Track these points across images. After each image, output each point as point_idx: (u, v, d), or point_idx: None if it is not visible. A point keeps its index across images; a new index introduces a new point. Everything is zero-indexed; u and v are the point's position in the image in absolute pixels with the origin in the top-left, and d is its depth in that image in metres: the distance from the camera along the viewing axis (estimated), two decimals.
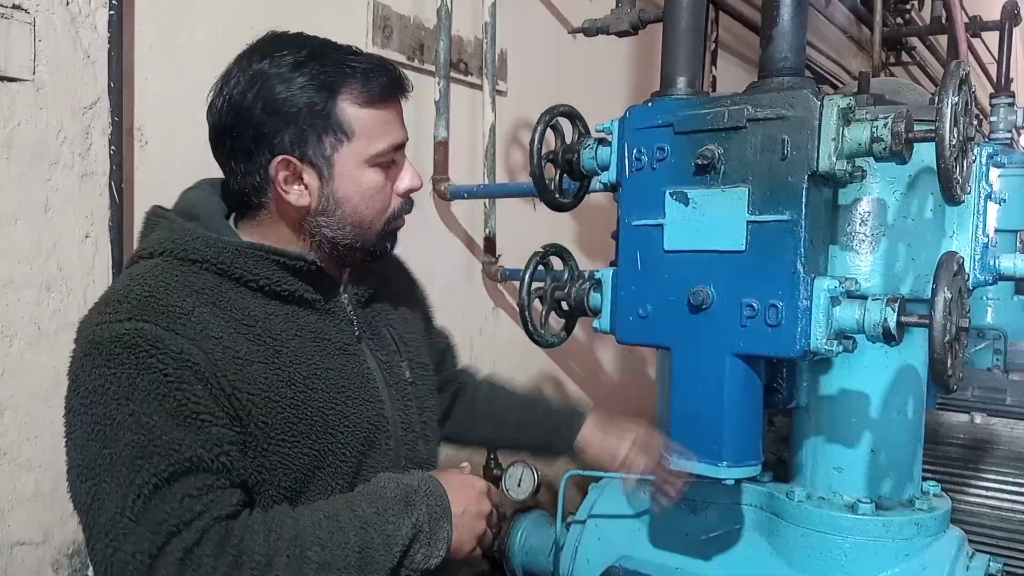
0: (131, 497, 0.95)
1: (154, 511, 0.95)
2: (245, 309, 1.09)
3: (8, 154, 1.52)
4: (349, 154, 1.12)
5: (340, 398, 1.14)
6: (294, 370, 1.10)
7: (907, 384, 1.44)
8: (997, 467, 2.18)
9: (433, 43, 2.45)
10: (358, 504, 1.07)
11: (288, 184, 1.11)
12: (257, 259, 1.11)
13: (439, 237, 2.63)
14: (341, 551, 1.01)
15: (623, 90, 3.43)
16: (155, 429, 0.97)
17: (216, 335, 1.04)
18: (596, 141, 1.33)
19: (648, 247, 1.25)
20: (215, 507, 0.98)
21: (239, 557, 0.97)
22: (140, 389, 0.98)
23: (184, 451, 0.97)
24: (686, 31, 1.32)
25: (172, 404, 0.98)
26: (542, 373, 3.15)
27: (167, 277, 1.06)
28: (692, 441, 1.23)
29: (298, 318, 1.14)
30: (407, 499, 1.07)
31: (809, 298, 1.12)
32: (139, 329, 1.00)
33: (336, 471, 1.14)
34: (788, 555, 1.43)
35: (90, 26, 1.63)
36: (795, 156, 1.12)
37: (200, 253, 1.09)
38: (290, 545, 1.00)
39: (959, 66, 1.10)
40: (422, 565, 1.06)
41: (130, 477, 0.95)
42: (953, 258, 1.13)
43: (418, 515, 1.06)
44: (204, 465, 0.99)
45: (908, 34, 5.10)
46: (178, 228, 1.11)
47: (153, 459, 0.96)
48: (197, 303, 1.05)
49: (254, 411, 1.05)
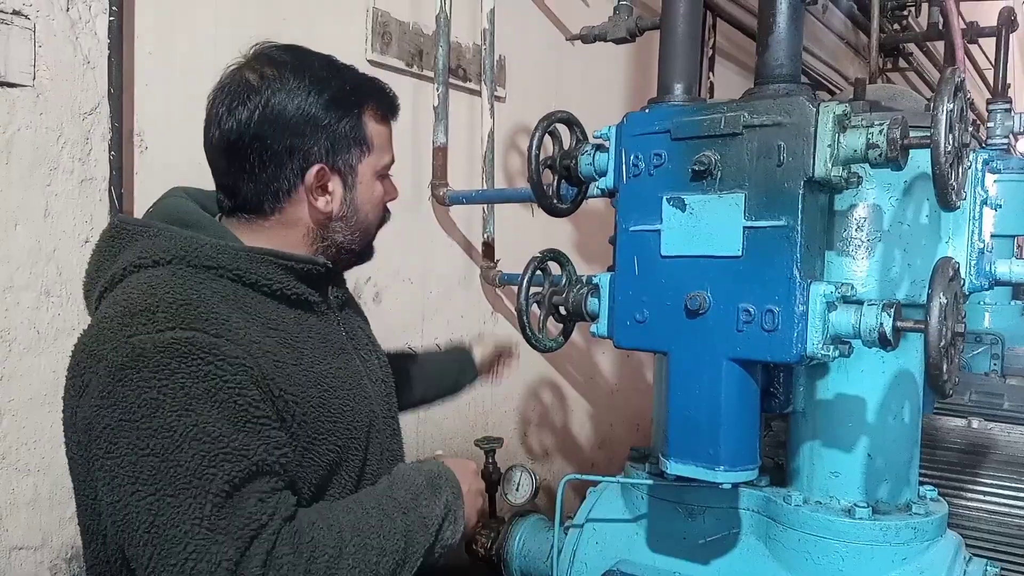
0: (208, 507, 0.94)
1: (232, 518, 0.95)
2: (266, 313, 1.12)
3: (8, 159, 1.53)
4: (368, 165, 1.21)
5: (349, 396, 1.20)
6: (316, 370, 1.15)
7: (904, 389, 1.45)
8: (994, 471, 2.18)
9: (432, 49, 2.47)
10: (396, 492, 1.15)
11: (316, 191, 1.17)
12: (268, 264, 1.13)
13: (438, 242, 2.64)
14: (391, 536, 1.09)
15: (621, 96, 3.44)
16: (222, 437, 0.96)
17: (256, 340, 1.06)
18: (594, 147, 1.34)
19: (645, 252, 1.26)
20: (282, 508, 1.00)
21: (314, 552, 1.00)
22: (198, 398, 0.97)
23: (252, 456, 0.98)
24: (683, 39, 1.32)
25: (233, 409, 0.99)
26: (540, 377, 3.16)
27: (192, 284, 1.06)
28: (689, 445, 1.24)
29: (305, 321, 1.18)
30: (433, 484, 1.18)
31: (805, 303, 1.12)
32: (189, 338, 0.99)
33: (350, 466, 1.20)
34: (785, 559, 1.44)
35: (90, 32, 1.64)
36: (791, 162, 1.12)
37: (213, 259, 1.09)
38: (353, 536, 1.06)
39: (954, 72, 1.11)
40: (449, 541, 1.17)
41: (203, 487, 0.94)
42: (948, 263, 1.13)
43: (447, 496, 1.18)
44: (268, 468, 1.00)
45: (905, 40, 5.12)
46: (180, 236, 1.11)
47: (224, 466, 0.95)
48: (230, 309, 1.06)
49: (297, 411, 1.09)
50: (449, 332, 2.65)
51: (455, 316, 2.69)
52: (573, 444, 3.37)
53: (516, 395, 3.05)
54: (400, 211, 2.48)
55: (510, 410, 3.02)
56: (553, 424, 3.26)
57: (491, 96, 2.64)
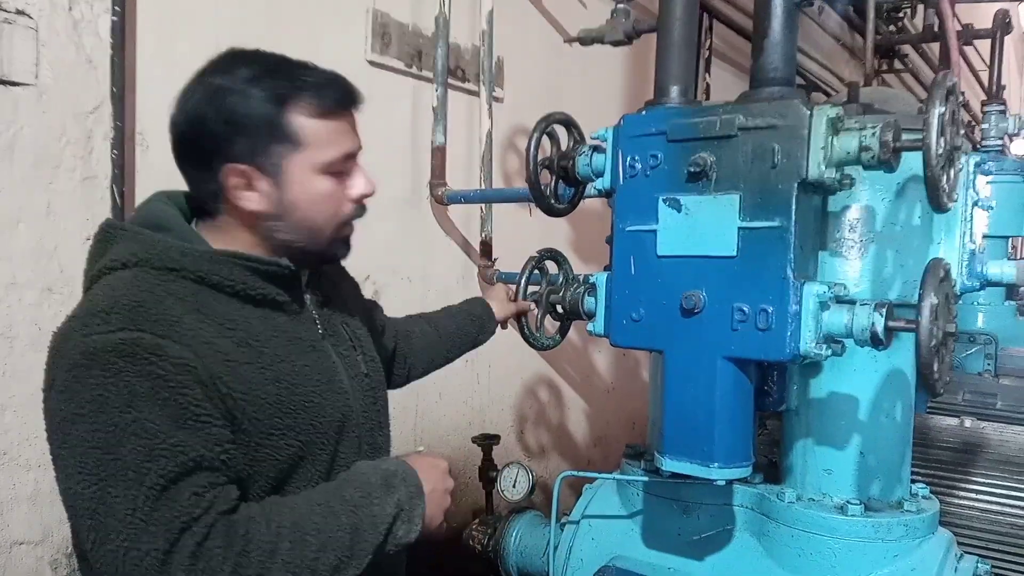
0: (140, 499, 0.99)
1: (164, 510, 0.99)
2: (226, 314, 1.14)
3: (11, 157, 1.54)
4: (299, 162, 1.18)
5: (316, 392, 1.21)
6: (277, 368, 1.16)
7: (895, 387, 1.46)
8: (987, 470, 2.20)
9: (431, 50, 2.48)
10: (346, 490, 1.14)
11: (240, 190, 1.17)
12: (232, 266, 1.16)
13: (436, 241, 2.66)
14: (335, 533, 1.09)
15: (618, 98, 3.46)
16: (160, 433, 1.01)
17: (207, 339, 1.09)
18: (591, 148, 1.35)
19: (641, 252, 1.27)
20: (219, 502, 1.03)
21: (246, 546, 1.02)
22: (141, 396, 1.02)
23: (189, 452, 1.02)
24: (679, 42, 1.34)
25: (174, 408, 1.03)
26: (537, 375, 3.18)
27: (149, 286, 1.10)
28: (684, 442, 1.26)
29: (272, 320, 1.20)
30: (387, 482, 1.16)
31: (799, 303, 1.14)
32: (136, 339, 1.04)
33: (316, 460, 1.21)
34: (778, 555, 1.45)
35: (93, 32, 1.65)
36: (785, 164, 1.14)
37: (176, 262, 1.13)
38: (291, 531, 1.06)
39: (946, 76, 1.13)
40: (403, 540, 1.15)
41: (139, 480, 0.99)
42: (940, 264, 1.15)
43: (399, 496, 1.15)
44: (207, 463, 1.04)
45: (901, 42, 5.14)
46: (148, 239, 1.15)
47: (160, 461, 1.00)
48: (185, 310, 1.10)
49: (247, 409, 1.10)
50: None
51: None
52: (569, 441, 3.39)
53: (513, 393, 3.07)
54: (399, 210, 2.51)
55: (507, 408, 3.04)
56: (550, 422, 3.28)
57: (489, 97, 2.65)
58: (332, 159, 1.19)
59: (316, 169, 1.19)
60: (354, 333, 1.38)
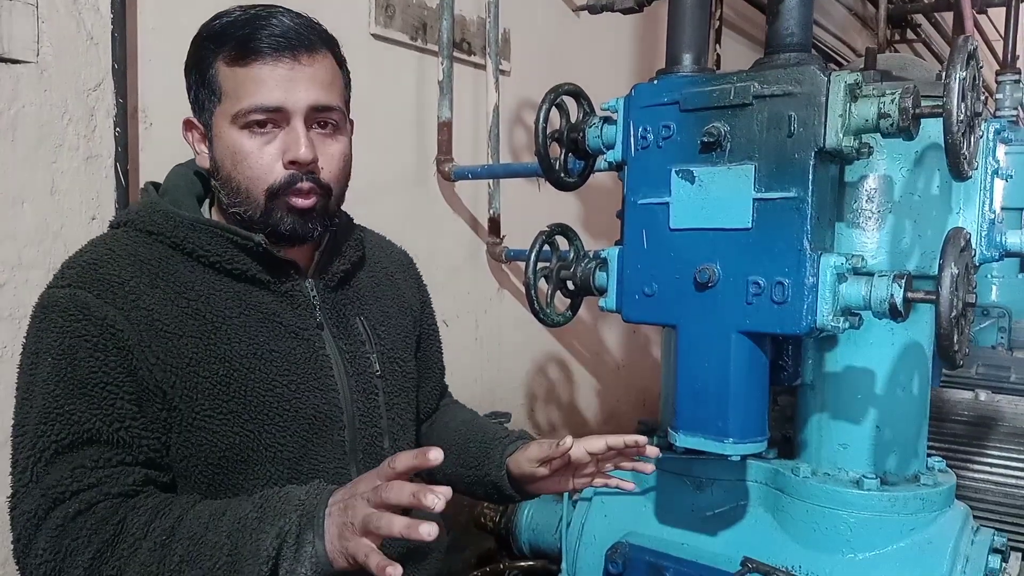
0: (33, 459, 1.01)
1: (48, 476, 1.00)
2: (189, 283, 1.11)
3: (13, 136, 1.52)
4: (220, 114, 1.13)
5: (282, 381, 1.13)
6: (231, 347, 1.10)
7: (913, 360, 1.44)
8: (1001, 443, 2.18)
9: (436, 23, 2.44)
10: (245, 506, 0.99)
11: (197, 145, 1.19)
12: (211, 235, 1.13)
13: (443, 218, 2.63)
14: (209, 550, 0.95)
15: (628, 68, 3.41)
16: (60, 397, 1.02)
17: (147, 307, 1.07)
18: (601, 120, 1.32)
19: (654, 225, 1.25)
20: (109, 483, 1.01)
21: (116, 536, 0.98)
22: (61, 355, 1.03)
23: (82, 423, 1.01)
24: (692, 7, 1.30)
25: (84, 372, 1.02)
26: (547, 353, 3.17)
27: (116, 247, 1.11)
28: (698, 418, 1.24)
29: (249, 296, 1.15)
30: (280, 508, 0.96)
31: (815, 275, 1.12)
32: (73, 295, 1.05)
33: (275, 457, 1.12)
34: (793, 530, 1.44)
35: (93, 7, 1.63)
36: (802, 133, 1.11)
37: (157, 226, 1.13)
38: (162, 534, 0.98)
39: (967, 40, 1.09)
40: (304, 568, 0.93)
41: (34, 441, 1.01)
42: (960, 234, 1.12)
43: (284, 523, 0.94)
44: (103, 438, 1.02)
45: (913, 11, 5.05)
46: (146, 201, 1.17)
47: (55, 426, 1.01)
48: (136, 273, 1.08)
49: (178, 384, 1.06)
50: (455, 309, 2.65)
51: (461, 292, 2.69)
52: (580, 419, 3.38)
53: (523, 370, 3.06)
54: (405, 187, 2.49)
55: (517, 385, 3.03)
56: (560, 399, 3.27)
57: (496, 70, 2.61)
58: (241, 109, 1.09)
59: (230, 121, 1.11)
60: (372, 328, 1.29)
